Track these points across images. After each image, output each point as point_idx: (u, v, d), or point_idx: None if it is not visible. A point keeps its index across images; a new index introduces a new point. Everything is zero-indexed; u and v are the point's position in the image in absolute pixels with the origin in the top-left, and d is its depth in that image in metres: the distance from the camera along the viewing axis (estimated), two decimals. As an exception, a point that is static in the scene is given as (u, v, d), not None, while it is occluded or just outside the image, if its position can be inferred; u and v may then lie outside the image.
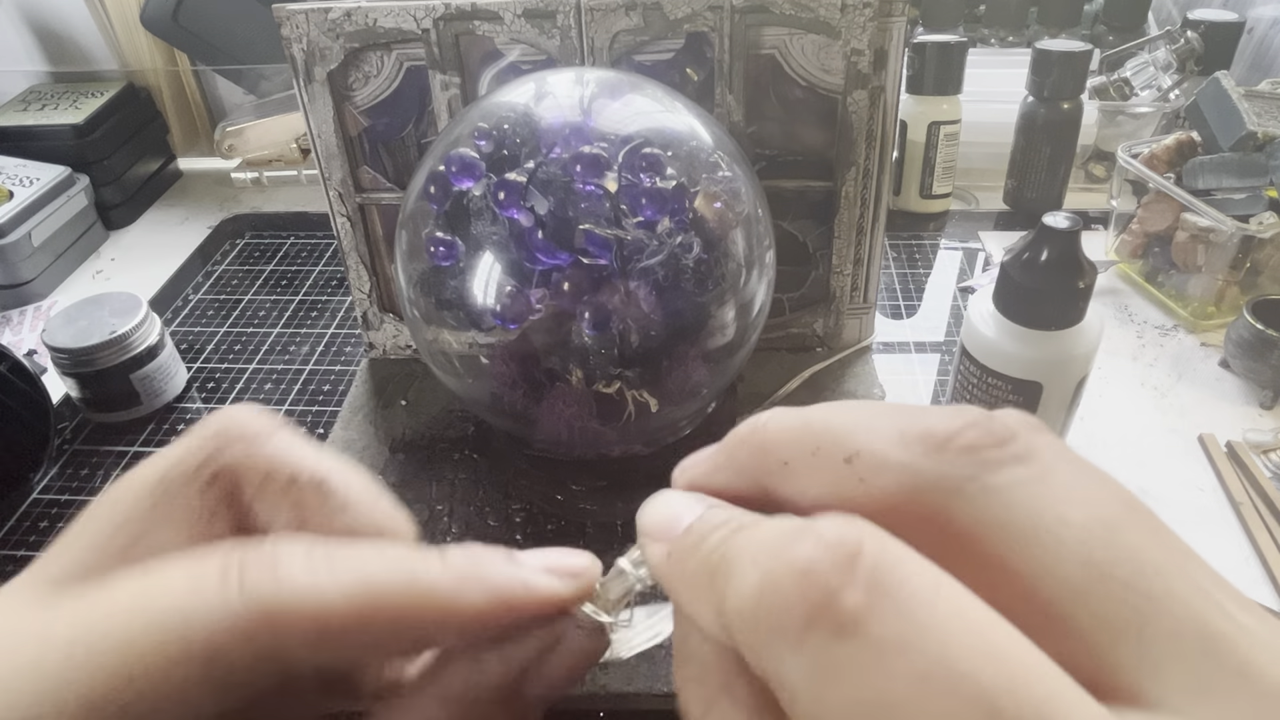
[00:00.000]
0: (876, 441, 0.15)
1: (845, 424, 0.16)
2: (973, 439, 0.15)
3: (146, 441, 0.60)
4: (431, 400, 0.60)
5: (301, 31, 0.53)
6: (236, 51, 0.87)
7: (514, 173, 0.41)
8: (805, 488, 0.16)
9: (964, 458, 0.14)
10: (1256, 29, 0.86)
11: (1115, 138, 0.82)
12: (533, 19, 0.52)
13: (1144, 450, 0.55)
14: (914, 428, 0.15)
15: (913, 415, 0.15)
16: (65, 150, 0.82)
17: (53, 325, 0.60)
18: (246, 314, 0.73)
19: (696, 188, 0.43)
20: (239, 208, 0.89)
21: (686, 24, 0.52)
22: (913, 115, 0.77)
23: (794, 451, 0.16)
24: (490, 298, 0.42)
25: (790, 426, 0.17)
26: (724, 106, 0.54)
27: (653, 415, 0.45)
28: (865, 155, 0.55)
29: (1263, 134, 0.62)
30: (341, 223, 0.59)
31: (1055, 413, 0.42)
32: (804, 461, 0.16)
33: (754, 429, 0.17)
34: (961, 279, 0.73)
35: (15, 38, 0.91)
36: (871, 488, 0.15)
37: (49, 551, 0.17)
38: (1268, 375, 0.58)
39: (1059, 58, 0.72)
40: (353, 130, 0.57)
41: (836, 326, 0.62)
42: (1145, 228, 0.67)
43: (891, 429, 0.15)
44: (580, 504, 0.50)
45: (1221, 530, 0.50)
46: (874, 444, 0.15)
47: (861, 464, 0.15)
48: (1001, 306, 0.42)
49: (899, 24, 0.51)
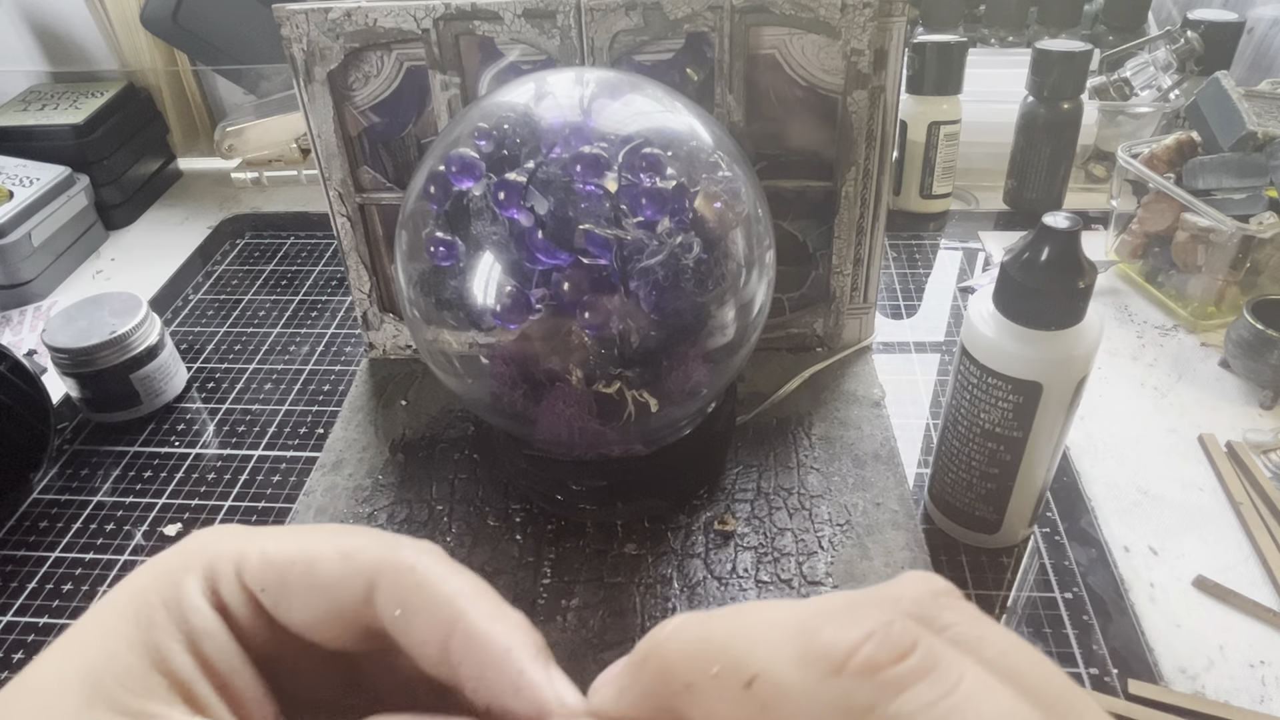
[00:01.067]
0: (776, 662, 0.14)
1: (744, 640, 0.15)
2: (870, 656, 0.14)
3: (146, 441, 0.60)
4: (431, 400, 0.60)
5: (301, 31, 0.53)
6: (236, 51, 0.87)
7: (514, 173, 0.41)
8: (711, 712, 0.15)
9: (863, 681, 0.13)
10: (1256, 29, 0.86)
11: (1115, 138, 0.82)
12: (533, 19, 0.52)
13: (1144, 450, 0.55)
14: (812, 645, 0.14)
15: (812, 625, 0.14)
16: (65, 150, 0.82)
17: (53, 325, 0.60)
18: (246, 314, 0.73)
19: (696, 188, 0.43)
20: (239, 208, 0.89)
21: (686, 24, 0.52)
22: (913, 115, 0.77)
23: (694, 673, 0.15)
24: (490, 298, 0.42)
25: (689, 644, 0.16)
26: (724, 106, 0.54)
27: (653, 415, 0.45)
28: (865, 155, 0.55)
29: (1263, 134, 0.62)
30: (341, 223, 0.59)
31: (1055, 413, 0.42)
32: (706, 685, 0.15)
33: (654, 645, 0.16)
34: (961, 279, 0.73)
35: (15, 38, 0.91)
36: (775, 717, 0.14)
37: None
38: (1268, 375, 0.58)
39: (1059, 58, 0.72)
40: (353, 130, 0.57)
41: (836, 326, 0.62)
42: (1145, 228, 0.67)
43: (791, 646, 0.14)
44: (580, 504, 0.50)
45: (1221, 530, 0.50)
46: (773, 666, 0.14)
47: (762, 689, 0.14)
48: (1001, 306, 0.42)
49: (899, 24, 0.51)
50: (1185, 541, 0.50)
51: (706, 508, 0.51)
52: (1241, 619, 0.45)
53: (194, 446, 0.60)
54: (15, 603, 0.50)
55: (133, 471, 0.58)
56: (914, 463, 0.55)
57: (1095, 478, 0.54)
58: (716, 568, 0.48)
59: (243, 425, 0.61)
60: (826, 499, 0.51)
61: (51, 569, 0.52)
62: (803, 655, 0.14)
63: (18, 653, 0.47)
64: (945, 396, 0.47)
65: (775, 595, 0.46)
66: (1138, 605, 0.46)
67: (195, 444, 0.60)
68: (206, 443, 0.60)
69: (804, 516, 0.50)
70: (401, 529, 0.51)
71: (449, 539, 0.50)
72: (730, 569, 0.48)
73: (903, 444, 0.55)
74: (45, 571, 0.51)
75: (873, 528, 0.49)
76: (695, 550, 0.49)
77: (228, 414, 0.62)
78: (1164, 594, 0.47)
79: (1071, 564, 0.49)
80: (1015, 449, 0.44)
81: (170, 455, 0.59)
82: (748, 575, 0.48)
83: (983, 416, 0.44)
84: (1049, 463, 0.45)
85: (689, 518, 0.51)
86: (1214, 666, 0.43)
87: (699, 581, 0.47)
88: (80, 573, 0.51)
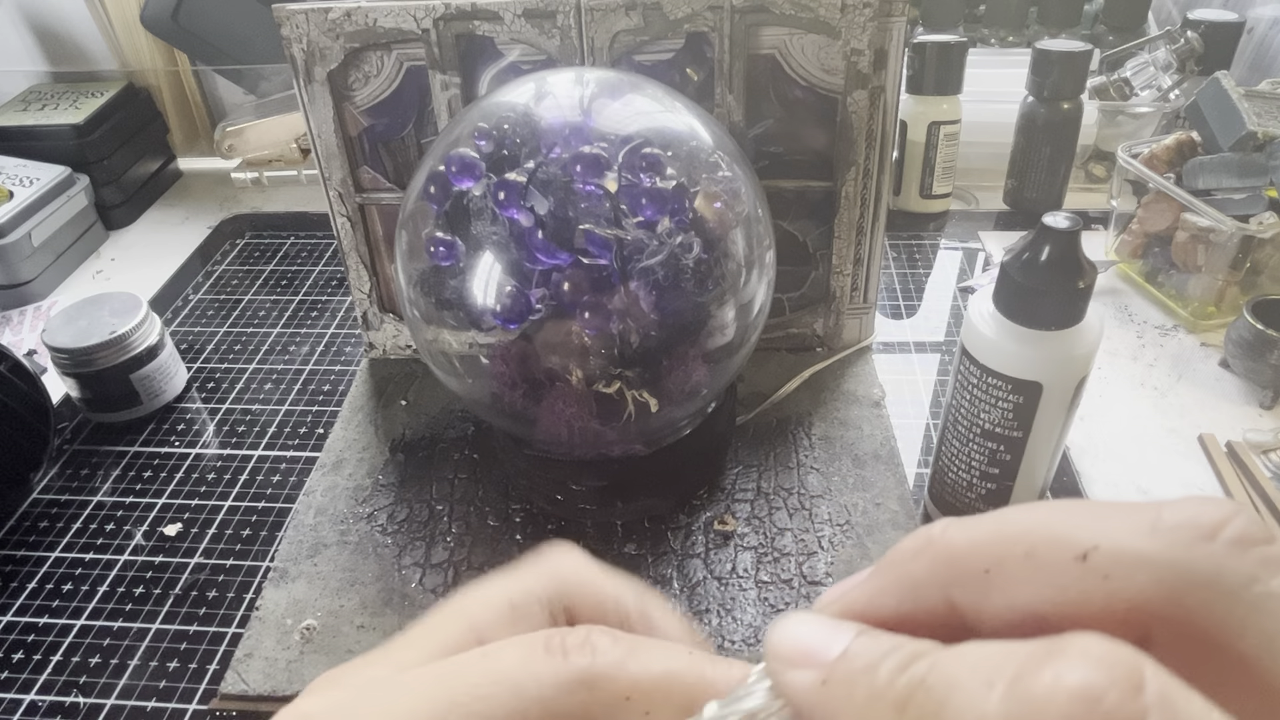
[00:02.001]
0: (1118, 533, 0.13)
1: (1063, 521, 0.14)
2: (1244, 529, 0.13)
3: (146, 442, 0.60)
4: (431, 400, 0.60)
5: (301, 31, 0.53)
6: (236, 51, 0.87)
7: (514, 173, 0.41)
8: (1016, 597, 0.14)
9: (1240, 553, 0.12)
10: (1256, 29, 0.86)
11: (1115, 138, 0.82)
12: (533, 19, 0.52)
13: (1144, 450, 0.55)
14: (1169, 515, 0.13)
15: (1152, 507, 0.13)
16: (65, 150, 0.82)
17: (53, 325, 0.60)
18: (246, 314, 0.73)
19: (696, 188, 0.43)
20: (239, 208, 0.89)
21: (686, 24, 0.52)
22: (913, 115, 0.77)
23: (997, 556, 0.14)
24: (490, 298, 0.42)
25: (983, 530, 0.15)
26: (724, 106, 0.54)
27: (653, 415, 0.45)
28: (865, 155, 0.55)
29: (1263, 134, 0.62)
30: (341, 223, 0.59)
31: (1055, 413, 0.42)
32: (1014, 565, 0.14)
33: (930, 539, 0.15)
34: (961, 279, 0.73)
35: (15, 38, 0.91)
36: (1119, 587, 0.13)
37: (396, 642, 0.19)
38: (1268, 375, 0.58)
39: (1059, 58, 0.72)
40: (353, 130, 0.57)
41: (836, 326, 0.62)
42: (1145, 228, 0.67)
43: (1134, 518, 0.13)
44: (580, 504, 0.50)
45: (1221, 530, 0.50)
46: (1115, 536, 0.13)
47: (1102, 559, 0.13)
48: (1001, 306, 0.42)
49: (899, 24, 0.51)
50: (1185, 541, 0.49)
51: (706, 508, 0.51)
52: (1241, 619, 0.45)
53: (194, 446, 0.60)
54: (15, 603, 0.50)
55: (133, 471, 0.58)
56: (914, 463, 0.55)
57: (1095, 478, 0.54)
58: (716, 568, 0.48)
59: (243, 425, 0.61)
60: (826, 499, 0.51)
61: (51, 569, 0.52)
62: (1156, 526, 0.13)
63: (17, 653, 0.47)
64: (945, 396, 0.47)
65: (775, 595, 0.46)
66: (1138, 605, 0.46)
67: (195, 444, 0.60)
68: (206, 443, 0.60)
69: (804, 516, 0.50)
70: (401, 529, 0.51)
71: (449, 539, 0.50)
72: (730, 569, 0.48)
73: (903, 444, 0.55)
74: (45, 571, 0.51)
75: (873, 528, 0.49)
76: (695, 550, 0.49)
77: (228, 414, 0.62)
78: (1164, 594, 0.47)
79: (1071, 564, 0.48)
80: (1015, 449, 0.44)
81: (170, 455, 0.59)
82: (748, 575, 0.48)
83: (983, 416, 0.44)
84: (1049, 463, 0.45)
85: (689, 518, 0.51)
86: (1214, 666, 0.43)
87: (699, 582, 0.47)
88: (80, 573, 0.51)
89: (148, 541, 0.53)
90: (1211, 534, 0.13)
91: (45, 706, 0.45)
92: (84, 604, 0.50)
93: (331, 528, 0.51)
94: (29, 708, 0.45)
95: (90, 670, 0.46)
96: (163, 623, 0.48)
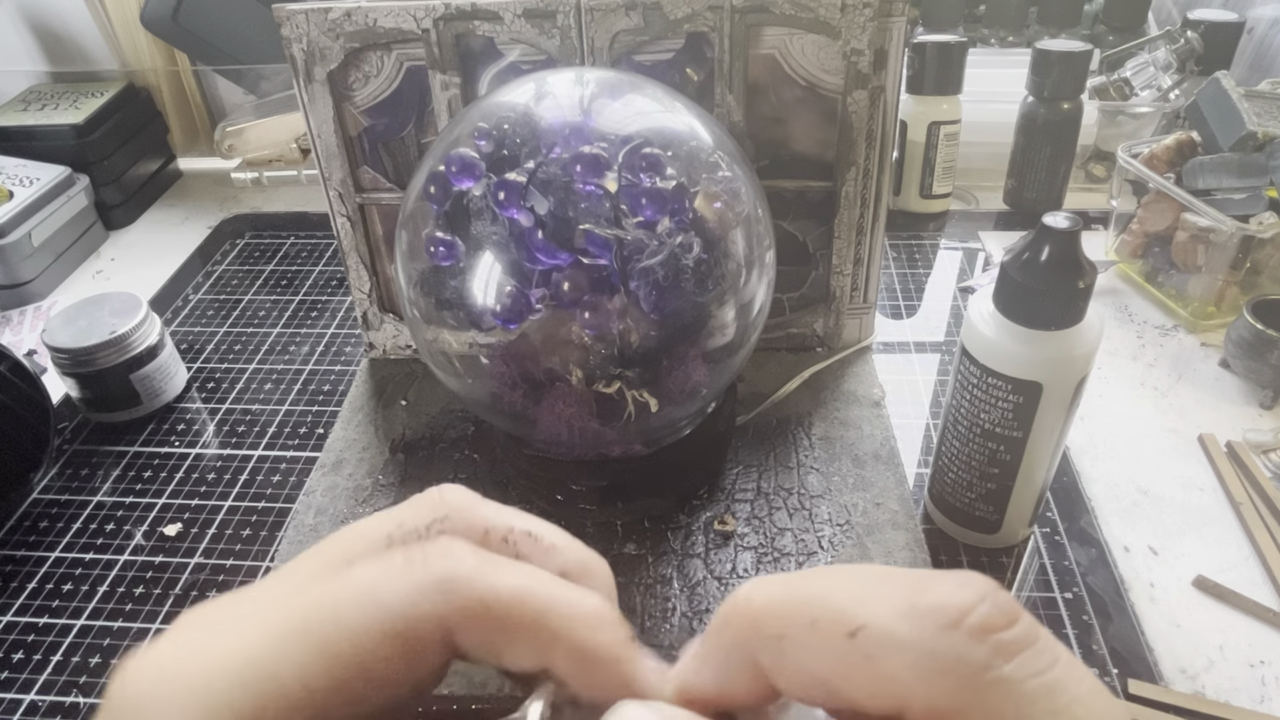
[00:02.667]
0: (881, 613, 0.14)
1: (844, 593, 0.15)
2: (985, 617, 0.14)
3: (146, 441, 0.60)
4: (431, 400, 0.60)
5: (301, 31, 0.53)
6: (236, 51, 0.87)
7: (514, 173, 0.41)
8: (805, 663, 0.15)
9: (978, 641, 0.14)
10: (1256, 29, 0.86)
11: (1115, 138, 0.82)
12: (533, 19, 0.52)
13: (1144, 450, 0.55)
14: (923, 601, 0.14)
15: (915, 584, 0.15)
16: (65, 150, 0.82)
17: (53, 325, 0.60)
18: (246, 314, 0.73)
19: (696, 188, 0.43)
20: (239, 208, 0.89)
21: (686, 24, 0.52)
22: (913, 115, 0.77)
23: (788, 624, 0.15)
24: (490, 298, 0.42)
25: (778, 598, 0.16)
26: (724, 106, 0.54)
27: (653, 415, 0.45)
28: (865, 155, 0.55)
29: (1263, 134, 0.62)
30: (341, 223, 0.59)
31: (1055, 413, 0.42)
32: (800, 634, 0.15)
33: (738, 604, 0.16)
34: (961, 279, 0.73)
35: (15, 38, 0.91)
36: (879, 666, 0.14)
37: (268, 578, 0.19)
38: (1268, 375, 0.58)
39: (1059, 58, 0.72)
40: (353, 130, 0.57)
41: (836, 326, 0.62)
42: (1145, 228, 0.67)
43: (899, 600, 0.14)
44: (580, 504, 0.50)
45: (1221, 530, 0.50)
46: (879, 616, 0.14)
47: (868, 640, 0.14)
48: (1001, 306, 0.42)
49: (899, 24, 0.51)
50: (1185, 541, 0.50)
51: (706, 508, 0.51)
52: (1241, 619, 0.45)
53: (194, 446, 0.60)
54: (15, 603, 0.50)
55: (133, 471, 0.58)
56: (914, 463, 0.55)
57: (1095, 478, 0.54)
58: (716, 568, 0.48)
59: (243, 425, 0.61)
60: (826, 499, 0.51)
61: (51, 569, 0.52)
62: (912, 609, 0.14)
63: (17, 652, 0.47)
64: (945, 396, 0.47)
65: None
66: (1138, 605, 0.46)
67: (195, 444, 0.60)
68: (206, 443, 0.60)
69: (804, 516, 0.50)
70: (401, 529, 0.51)
71: (449, 539, 0.50)
72: (730, 569, 0.48)
73: (903, 444, 0.55)
74: (45, 571, 0.51)
75: (873, 528, 0.49)
76: (695, 550, 0.49)
77: (228, 414, 0.62)
78: (1164, 594, 0.47)
79: (1071, 564, 0.49)
80: (1015, 449, 0.44)
81: (170, 455, 0.59)
82: (748, 575, 0.48)
83: (983, 416, 0.44)
84: (1049, 463, 0.45)
85: (689, 518, 0.51)
86: (1214, 666, 0.43)
87: (699, 581, 0.47)
88: (80, 573, 0.51)
89: (148, 541, 0.53)
90: (957, 621, 0.14)
91: (45, 706, 0.45)
92: (84, 604, 0.50)
93: (332, 528, 0.51)
94: (29, 708, 0.45)
95: (90, 670, 0.46)
96: (163, 623, 0.48)
